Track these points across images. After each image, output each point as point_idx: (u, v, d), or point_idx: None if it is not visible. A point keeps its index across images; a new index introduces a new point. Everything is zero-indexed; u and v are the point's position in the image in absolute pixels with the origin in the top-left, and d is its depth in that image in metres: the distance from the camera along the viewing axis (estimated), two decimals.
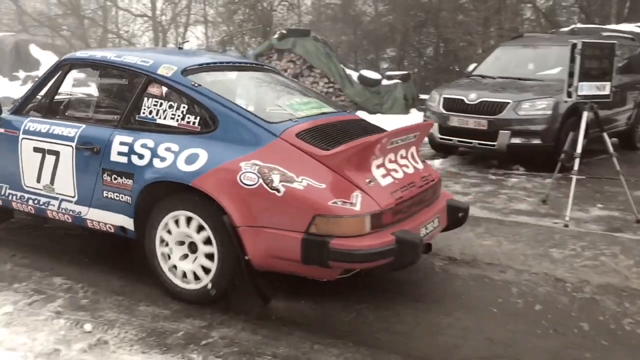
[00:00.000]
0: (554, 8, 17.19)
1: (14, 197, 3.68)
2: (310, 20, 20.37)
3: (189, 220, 2.97)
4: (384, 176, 2.97)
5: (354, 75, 12.89)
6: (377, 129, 3.40)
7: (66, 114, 3.84)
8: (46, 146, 3.44)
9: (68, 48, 25.08)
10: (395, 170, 3.07)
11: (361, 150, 2.84)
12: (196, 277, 3.02)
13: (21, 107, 3.72)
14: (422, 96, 13.33)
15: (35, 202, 3.57)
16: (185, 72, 3.24)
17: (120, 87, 3.74)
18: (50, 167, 3.44)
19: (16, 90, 16.02)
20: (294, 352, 2.65)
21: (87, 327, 2.83)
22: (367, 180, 2.86)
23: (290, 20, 20.43)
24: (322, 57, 12.74)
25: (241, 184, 2.79)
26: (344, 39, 18.75)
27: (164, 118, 3.16)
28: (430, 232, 3.14)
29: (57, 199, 3.47)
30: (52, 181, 3.45)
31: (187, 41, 4.83)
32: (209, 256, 2.95)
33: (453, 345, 2.75)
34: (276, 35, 13.63)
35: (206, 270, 2.97)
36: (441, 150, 7.75)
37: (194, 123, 3.09)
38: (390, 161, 3.07)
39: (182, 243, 3.06)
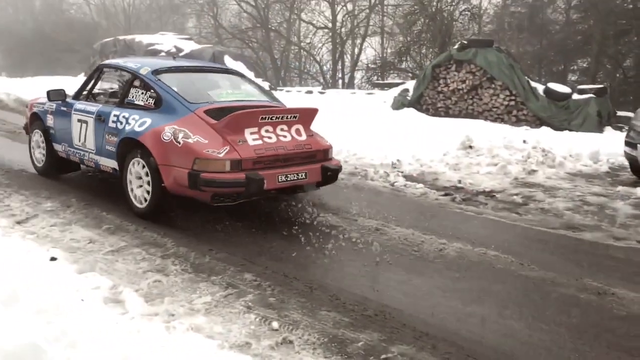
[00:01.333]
0: None
1: (70, 152, 5.69)
2: (491, 29, 19.54)
3: (139, 162, 4.65)
4: (255, 140, 4.46)
5: (540, 88, 12.00)
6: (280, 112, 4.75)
7: (95, 98, 5.69)
8: (82, 118, 5.42)
9: (255, 58, 27.35)
10: (270, 137, 4.55)
11: (233, 121, 4.39)
12: (145, 201, 4.66)
13: (76, 94, 5.79)
14: (620, 113, 11.97)
15: (79, 154, 5.54)
16: (156, 72, 5.03)
17: (123, 81, 5.45)
18: (84, 131, 5.37)
19: None
20: None
21: (275, 325, 2.92)
22: (238, 140, 4.38)
23: (471, 31, 19.80)
24: (504, 69, 12.08)
25: (162, 139, 4.44)
26: (528, 49, 17.64)
27: (138, 100, 5.00)
28: (290, 180, 4.54)
29: (87, 152, 5.39)
30: (85, 140, 5.37)
31: (176, 55, 6.81)
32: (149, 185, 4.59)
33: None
34: (456, 46, 13.27)
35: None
36: None
37: (150, 103, 4.88)
38: (267, 131, 4.56)
39: (139, 178, 4.69)
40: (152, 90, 4.90)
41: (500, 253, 4.11)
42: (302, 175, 4.64)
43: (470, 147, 7.42)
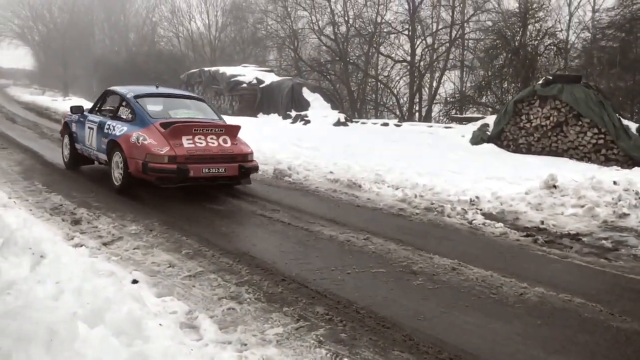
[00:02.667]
0: None
1: (84, 149, 7.95)
2: (579, 64, 18.81)
3: (117, 155, 6.79)
4: (189, 143, 6.47)
5: (632, 126, 11.34)
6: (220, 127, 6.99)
7: (101, 112, 7.84)
8: (91, 126, 7.66)
9: (332, 90, 27.80)
10: (201, 143, 6.54)
11: (172, 130, 6.44)
12: (119, 181, 6.82)
13: (90, 109, 8.22)
14: None
15: (88, 151, 7.81)
16: (137, 96, 7.29)
17: (117, 101, 7.60)
18: (91, 135, 7.59)
19: (286, 126, 18.16)
20: None
21: None
22: (176, 143, 6.38)
23: (556, 66, 19.15)
24: (592, 105, 11.53)
25: (130, 141, 6.52)
26: (620, 85, 16.77)
27: (123, 115, 7.23)
28: (212, 172, 6.52)
29: (92, 149, 7.63)
30: (91, 141, 7.59)
31: (159, 84, 8.78)
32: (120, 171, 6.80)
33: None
34: (540, 81, 12.86)
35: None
36: None
37: (129, 117, 7.08)
38: (199, 138, 6.56)
39: (117, 167, 6.82)
40: (131, 109, 7.15)
41: (587, 301, 3.84)
42: (222, 170, 6.63)
43: (555, 186, 7.06)
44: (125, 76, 37.66)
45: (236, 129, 7.07)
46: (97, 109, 8.01)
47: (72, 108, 8.40)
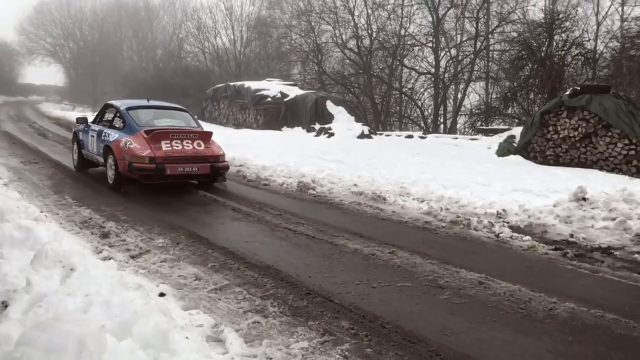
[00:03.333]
0: None
1: (88, 154, 9.23)
2: (607, 74, 18.49)
3: (110, 158, 8.02)
4: (167, 147, 7.66)
5: None
6: (197, 133, 8.22)
7: (101, 122, 9.11)
8: (92, 134, 8.94)
9: (356, 103, 27.83)
10: (177, 146, 7.74)
11: (153, 136, 7.66)
12: (111, 179, 8.03)
13: (93, 120, 9.49)
14: None
15: (91, 155, 9.09)
16: (129, 108, 8.52)
17: (113, 113, 8.94)
18: (92, 141, 8.87)
19: (310, 140, 18.23)
20: None
21: None
22: (156, 146, 7.59)
23: (584, 76, 18.86)
24: (623, 116, 11.32)
25: (120, 145, 7.72)
26: None
27: (117, 124, 8.44)
28: (186, 171, 7.73)
29: (93, 154, 8.91)
30: (93, 147, 8.84)
31: (150, 98, 9.79)
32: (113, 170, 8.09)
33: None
34: (568, 92, 12.69)
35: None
36: None
37: (121, 126, 8.28)
38: (176, 142, 7.75)
39: (110, 167, 8.03)
40: (123, 119, 8.43)
41: (620, 317, 3.74)
42: (195, 169, 7.86)
43: (584, 198, 6.92)
44: (153, 91, 38.32)
45: (209, 134, 8.30)
46: (98, 119, 9.38)
47: (77, 119, 10.09)
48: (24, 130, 19.59)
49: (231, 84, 25.87)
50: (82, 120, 9.81)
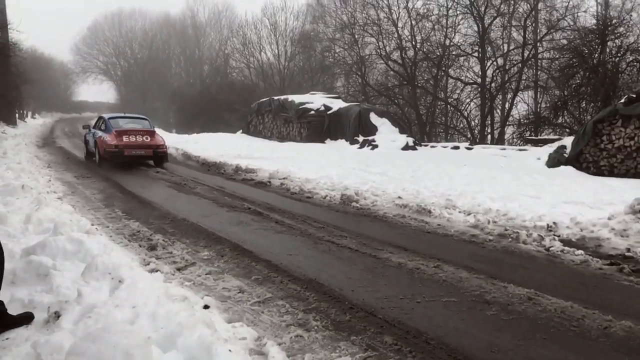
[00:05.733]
0: None
1: (90, 148, 15.49)
2: None
3: (95, 147, 14.41)
4: (126, 140, 13.55)
5: None
6: (149, 133, 14.13)
7: (97, 128, 14.88)
8: (90, 135, 15.41)
9: (400, 114, 27.65)
10: (134, 139, 13.66)
11: (117, 133, 13.55)
12: (97, 161, 14.26)
13: (93, 126, 15.67)
14: None
15: (91, 149, 15.08)
16: (111, 118, 14.96)
17: (102, 121, 14.87)
18: (91, 139, 15.17)
19: (354, 152, 18.19)
20: None
21: None
22: (120, 139, 13.49)
23: None
24: None
25: (101, 139, 13.80)
26: None
27: (102, 127, 14.44)
28: (138, 153, 13.62)
29: (91, 146, 15.06)
30: (91, 143, 15.05)
31: (126, 112, 17.33)
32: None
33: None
34: (623, 100, 12.21)
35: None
36: None
37: (104, 128, 14.28)
38: (132, 136, 13.67)
39: (97, 152, 14.19)
40: (106, 124, 14.04)
41: None
42: (142, 152, 13.51)
43: None
44: (200, 106, 39.35)
45: (154, 132, 14.09)
46: (95, 126, 15.27)
47: (83, 126, 16.82)
48: (78, 146, 20.42)
49: (275, 97, 26.18)
50: (87, 127, 16.04)
